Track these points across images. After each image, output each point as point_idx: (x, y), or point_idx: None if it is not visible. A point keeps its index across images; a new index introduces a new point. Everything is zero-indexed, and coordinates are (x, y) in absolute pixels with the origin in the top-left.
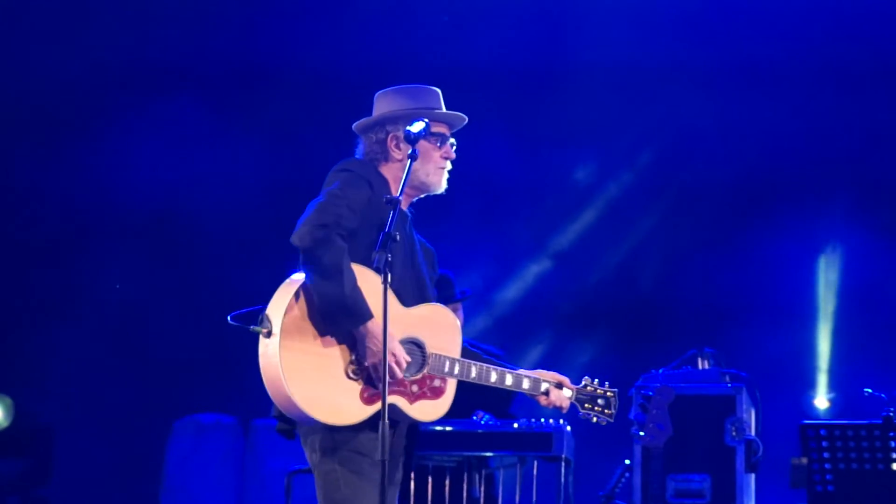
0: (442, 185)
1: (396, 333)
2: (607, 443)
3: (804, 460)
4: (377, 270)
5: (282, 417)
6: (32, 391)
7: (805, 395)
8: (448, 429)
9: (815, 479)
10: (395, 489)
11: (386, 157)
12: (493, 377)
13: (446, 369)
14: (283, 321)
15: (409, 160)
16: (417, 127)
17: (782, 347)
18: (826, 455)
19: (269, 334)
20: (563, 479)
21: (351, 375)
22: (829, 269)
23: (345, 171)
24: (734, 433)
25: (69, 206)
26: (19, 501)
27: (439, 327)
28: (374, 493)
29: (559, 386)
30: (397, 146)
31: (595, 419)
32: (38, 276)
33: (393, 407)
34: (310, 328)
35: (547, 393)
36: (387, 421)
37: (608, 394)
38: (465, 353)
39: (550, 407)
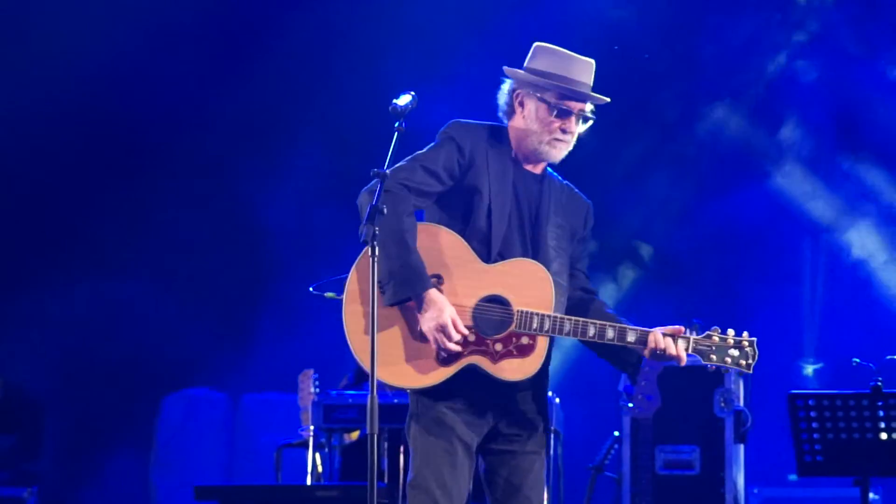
0: (555, 156)
1: (475, 292)
2: (597, 414)
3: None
4: (363, 243)
5: None
6: (22, 366)
7: (795, 364)
8: None
9: (803, 448)
10: (533, 459)
11: (512, 112)
12: (591, 331)
13: (535, 325)
14: (348, 285)
15: (396, 133)
16: (403, 100)
17: (772, 317)
18: (815, 425)
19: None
20: (552, 451)
21: (425, 336)
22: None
23: (442, 135)
24: (723, 404)
25: (56, 174)
26: (9, 476)
27: (527, 282)
28: (451, 464)
29: (673, 338)
30: (521, 104)
31: (726, 370)
32: (24, 251)
33: (474, 367)
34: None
35: (655, 343)
36: (375, 394)
37: (744, 343)
38: (604, 315)
39: (658, 359)
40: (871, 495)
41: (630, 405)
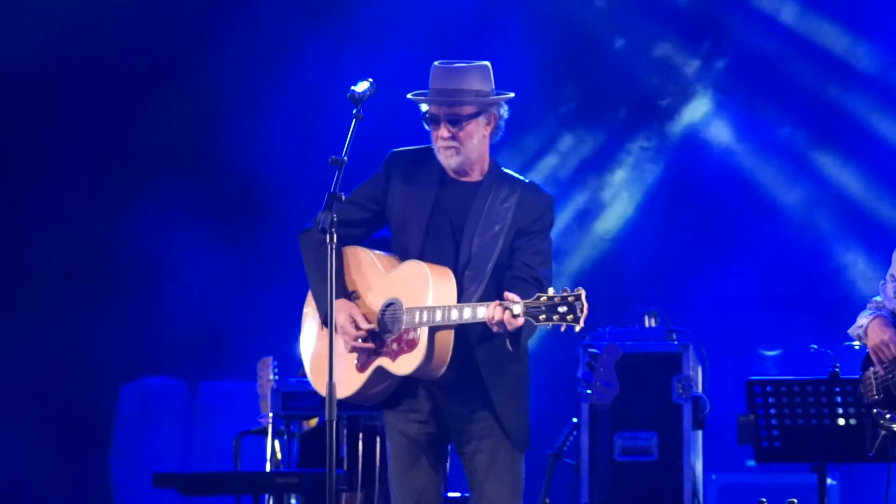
0: (447, 164)
1: (378, 300)
2: (555, 402)
3: (752, 417)
4: (322, 231)
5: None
6: None
7: (753, 351)
8: None
9: (761, 434)
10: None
11: None
12: (454, 314)
13: (417, 319)
14: (304, 311)
15: (354, 120)
16: (361, 87)
17: (730, 303)
18: (772, 411)
19: None
20: None
21: (348, 349)
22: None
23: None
24: (681, 390)
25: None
26: None
27: (411, 281)
28: (402, 461)
29: (502, 305)
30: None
31: (563, 328)
32: None
33: (381, 370)
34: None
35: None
36: (333, 381)
37: (569, 298)
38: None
39: (497, 329)
40: (828, 481)
41: (588, 392)
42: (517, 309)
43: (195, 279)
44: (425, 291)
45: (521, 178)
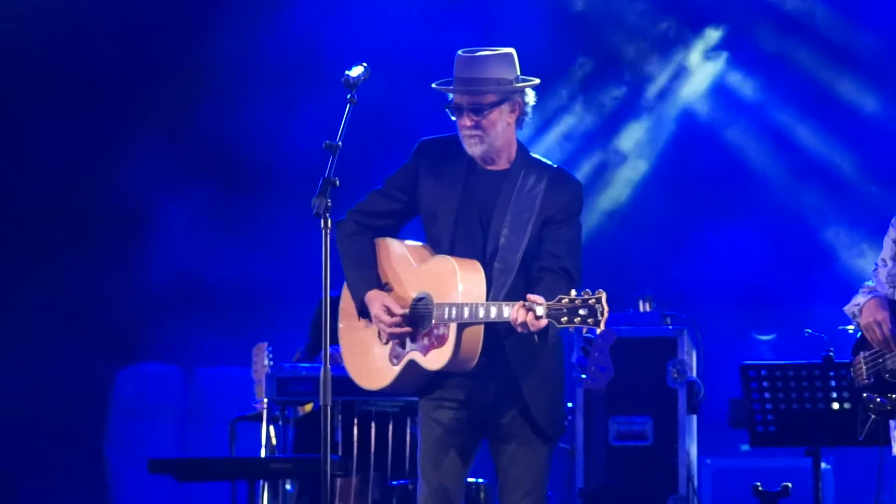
0: (472, 152)
1: (410, 293)
2: None
3: (744, 400)
4: (316, 216)
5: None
6: None
7: (748, 335)
8: None
9: (756, 419)
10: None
11: None
12: (481, 313)
13: (446, 315)
14: (340, 305)
15: (348, 105)
16: (355, 72)
17: (725, 288)
18: (767, 395)
19: None
20: None
21: (383, 340)
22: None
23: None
24: (675, 375)
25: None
26: None
27: (440, 276)
28: (431, 447)
29: (525, 307)
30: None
31: (585, 330)
32: None
33: (413, 363)
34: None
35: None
36: (328, 366)
37: (591, 301)
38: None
39: (521, 330)
40: (822, 465)
41: (583, 377)
42: (540, 311)
43: (193, 268)
44: (454, 286)
45: (549, 163)
